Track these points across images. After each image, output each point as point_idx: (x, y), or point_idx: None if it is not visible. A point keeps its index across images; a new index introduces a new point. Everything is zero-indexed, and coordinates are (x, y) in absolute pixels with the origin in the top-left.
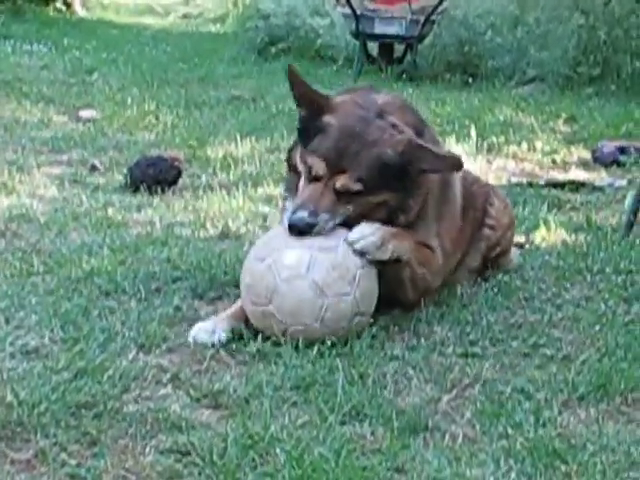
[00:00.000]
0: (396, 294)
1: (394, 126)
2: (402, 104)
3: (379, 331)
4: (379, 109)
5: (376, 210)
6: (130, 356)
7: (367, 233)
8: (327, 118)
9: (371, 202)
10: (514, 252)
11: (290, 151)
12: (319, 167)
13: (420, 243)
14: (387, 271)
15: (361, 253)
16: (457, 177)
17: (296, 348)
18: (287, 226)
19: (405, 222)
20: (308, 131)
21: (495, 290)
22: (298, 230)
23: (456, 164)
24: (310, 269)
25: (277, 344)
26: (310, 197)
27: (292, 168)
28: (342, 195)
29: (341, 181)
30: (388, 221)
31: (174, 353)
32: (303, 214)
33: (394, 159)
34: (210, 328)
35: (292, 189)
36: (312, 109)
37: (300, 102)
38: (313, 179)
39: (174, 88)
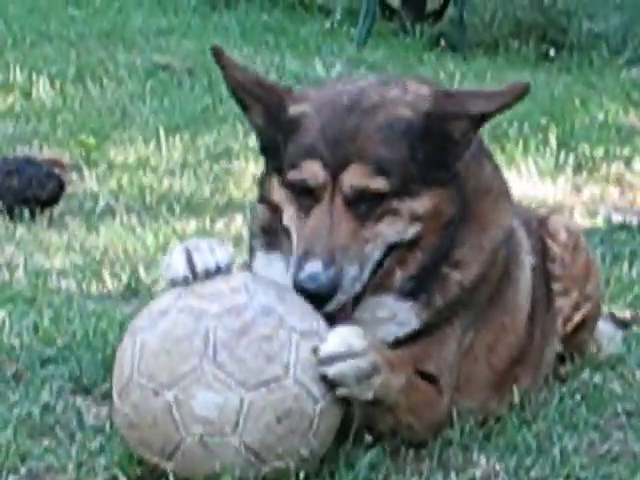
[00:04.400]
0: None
1: (403, 88)
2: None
3: (381, 456)
4: (375, 81)
5: (429, 232)
6: None
7: (354, 349)
8: (296, 108)
9: (415, 212)
10: (610, 332)
11: (262, 183)
12: (314, 172)
13: (421, 374)
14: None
15: (332, 382)
16: (527, 260)
17: None
18: (295, 288)
19: (457, 285)
20: (273, 144)
21: (577, 398)
22: (315, 296)
23: (520, 90)
24: (240, 426)
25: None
26: (317, 232)
27: (270, 207)
28: (363, 208)
29: (350, 177)
30: (430, 278)
31: None
32: (315, 267)
33: (419, 123)
34: None
35: (269, 238)
36: (269, 105)
37: (248, 97)
38: (311, 198)
39: (59, 48)
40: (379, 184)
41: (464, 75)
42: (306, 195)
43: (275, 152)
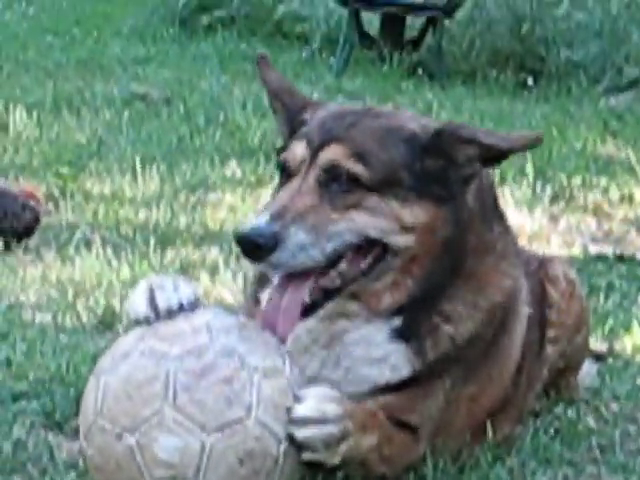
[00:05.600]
0: None
1: (416, 117)
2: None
3: None
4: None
5: (421, 254)
6: None
7: (326, 415)
8: (309, 113)
9: (402, 218)
10: (587, 368)
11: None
12: (296, 151)
13: (399, 423)
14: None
15: (299, 445)
16: (523, 311)
17: None
18: (235, 239)
19: (447, 338)
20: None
21: (551, 432)
22: (250, 246)
23: (534, 140)
24: (202, 469)
25: None
26: (279, 198)
27: None
28: (334, 189)
29: (327, 154)
30: (422, 323)
31: None
32: (260, 219)
33: (425, 139)
34: None
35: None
36: (292, 112)
37: (276, 103)
38: (288, 177)
39: (36, 77)
40: (356, 168)
41: (442, 104)
42: (288, 175)
43: None
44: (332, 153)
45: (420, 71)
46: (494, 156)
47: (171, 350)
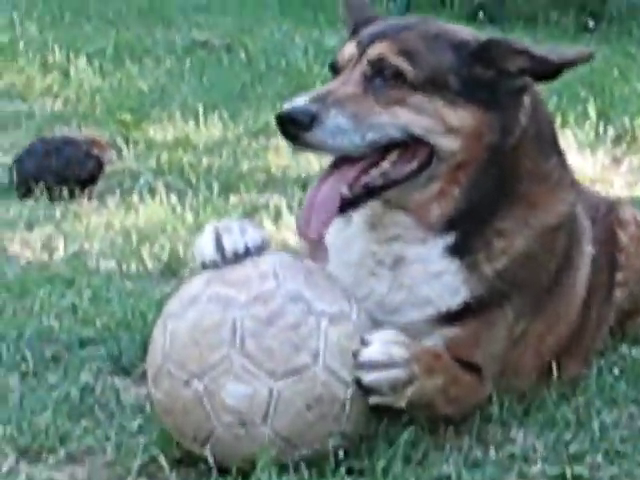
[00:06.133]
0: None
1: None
2: None
3: (420, 434)
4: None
5: (466, 162)
6: (4, 467)
7: (394, 358)
8: (370, 22)
9: (447, 119)
10: None
11: None
12: (347, 49)
13: (465, 364)
14: None
15: (367, 389)
16: (587, 251)
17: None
18: (275, 120)
19: (500, 252)
20: None
21: (616, 372)
22: (287, 123)
23: (584, 55)
24: (270, 415)
25: None
26: (324, 88)
27: None
28: (378, 83)
29: (374, 50)
30: (475, 235)
31: (78, 463)
32: (302, 99)
33: (473, 45)
34: None
35: None
36: (357, 25)
37: (348, 14)
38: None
39: (97, 26)
40: (402, 65)
41: None
42: (336, 73)
43: None
44: (380, 48)
45: (481, 14)
46: (545, 70)
47: (238, 296)
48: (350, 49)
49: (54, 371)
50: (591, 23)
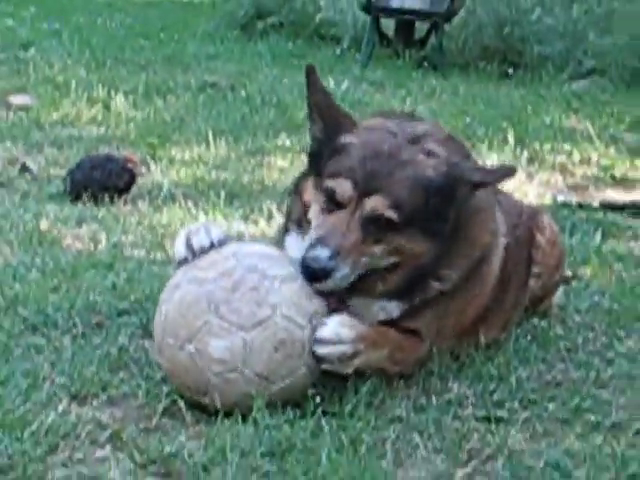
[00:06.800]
0: None
1: (430, 153)
2: (446, 137)
3: (378, 385)
4: (413, 135)
5: (406, 265)
6: (60, 408)
7: (341, 337)
8: (347, 137)
9: (404, 248)
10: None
11: (297, 183)
12: (345, 188)
13: (408, 332)
14: None
15: (318, 358)
16: (500, 243)
17: (271, 404)
18: (300, 265)
19: (436, 291)
20: (321, 155)
21: (529, 338)
22: (312, 273)
23: (509, 172)
24: (247, 360)
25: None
26: (334, 229)
27: (302, 203)
28: (371, 229)
29: (372, 203)
30: (415, 287)
31: (116, 405)
32: (323, 253)
33: (437, 182)
34: None
35: (301, 223)
36: (329, 126)
37: (316, 114)
38: (336, 206)
39: (132, 70)
40: (393, 215)
41: (443, 89)
42: (332, 202)
43: (319, 159)
44: (376, 202)
45: (426, 64)
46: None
47: (208, 275)
48: (348, 190)
49: (98, 335)
50: (510, 70)
